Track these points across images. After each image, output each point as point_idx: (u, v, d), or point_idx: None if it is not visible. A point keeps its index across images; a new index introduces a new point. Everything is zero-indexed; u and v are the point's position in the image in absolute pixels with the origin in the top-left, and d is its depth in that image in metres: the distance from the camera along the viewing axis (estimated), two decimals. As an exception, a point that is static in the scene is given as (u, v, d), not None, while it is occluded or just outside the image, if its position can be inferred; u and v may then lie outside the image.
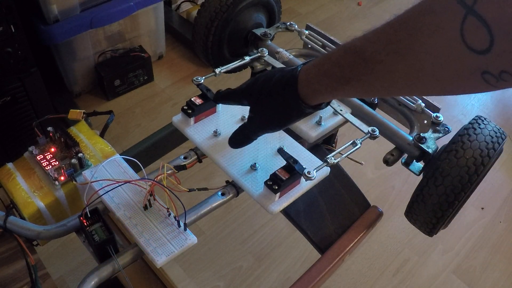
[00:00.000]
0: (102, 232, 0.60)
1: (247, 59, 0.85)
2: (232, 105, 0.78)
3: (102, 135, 0.78)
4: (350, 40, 0.47)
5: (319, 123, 0.77)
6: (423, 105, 0.80)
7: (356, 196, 0.86)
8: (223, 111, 0.77)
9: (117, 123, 1.60)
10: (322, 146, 0.91)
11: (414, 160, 0.76)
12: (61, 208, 0.69)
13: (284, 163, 0.64)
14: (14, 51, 1.10)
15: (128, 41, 1.67)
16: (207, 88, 0.74)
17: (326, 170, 0.69)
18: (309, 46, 0.95)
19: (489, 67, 0.35)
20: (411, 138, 0.74)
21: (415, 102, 0.80)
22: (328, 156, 0.66)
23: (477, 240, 1.43)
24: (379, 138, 0.73)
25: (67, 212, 0.71)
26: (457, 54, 0.37)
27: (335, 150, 0.71)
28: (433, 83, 0.41)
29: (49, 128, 0.72)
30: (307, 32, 0.95)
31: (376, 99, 0.83)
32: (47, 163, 0.69)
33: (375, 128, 0.71)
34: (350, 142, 0.69)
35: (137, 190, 0.65)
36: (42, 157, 0.70)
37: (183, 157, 0.72)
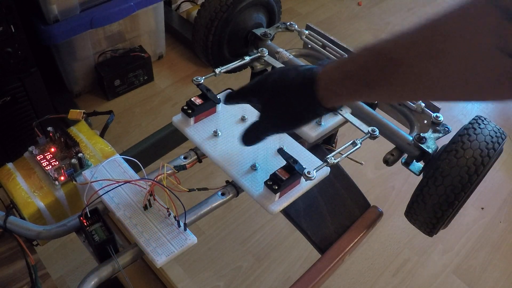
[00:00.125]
0: (102, 232, 0.60)
1: (247, 59, 0.85)
2: (233, 105, 0.78)
3: (102, 135, 0.78)
4: (376, 42, 0.46)
5: (319, 123, 0.77)
6: (423, 105, 0.80)
7: (356, 196, 0.86)
8: (223, 111, 0.77)
9: (117, 123, 1.60)
10: (322, 146, 0.91)
11: (414, 160, 0.76)
12: (61, 208, 0.69)
13: (284, 163, 0.64)
14: (14, 51, 1.10)
15: (128, 41, 1.67)
16: (207, 88, 0.74)
17: (326, 170, 0.69)
18: (309, 46, 0.95)
19: None
20: (411, 138, 0.74)
21: (415, 102, 0.80)
22: (328, 156, 0.66)
23: (477, 240, 1.43)
24: (379, 138, 0.73)
25: (67, 212, 0.71)
26: (493, 60, 0.36)
27: (335, 150, 0.71)
28: (464, 88, 0.40)
29: (49, 128, 0.72)
30: (307, 32, 0.95)
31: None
32: (47, 163, 0.69)
33: (375, 128, 0.71)
34: (350, 142, 0.69)
35: (137, 190, 0.65)
36: (42, 157, 0.70)
37: (183, 157, 0.72)
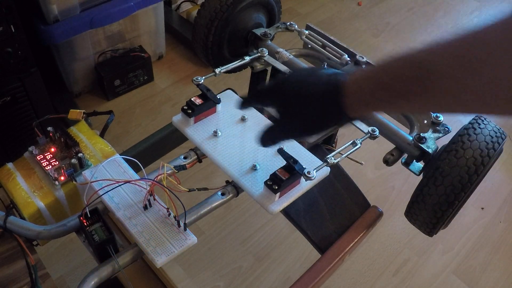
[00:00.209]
0: (102, 232, 0.60)
1: (247, 59, 0.85)
2: (232, 105, 0.78)
3: (102, 135, 0.78)
4: (409, 52, 0.45)
5: (319, 123, 0.76)
6: (423, 105, 0.80)
7: (356, 196, 0.86)
8: (223, 111, 0.77)
9: (117, 123, 1.60)
10: (322, 146, 0.91)
11: (414, 160, 0.76)
12: (61, 208, 0.69)
13: (284, 163, 0.64)
14: (14, 51, 1.10)
15: (128, 41, 1.67)
16: (207, 88, 0.74)
17: (326, 170, 0.69)
18: (309, 46, 0.95)
19: None
20: (411, 138, 0.74)
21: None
22: (328, 156, 0.66)
23: (477, 240, 1.43)
24: (379, 138, 0.73)
25: (67, 212, 0.71)
26: None
27: (335, 150, 0.71)
28: (505, 103, 0.38)
29: (49, 128, 0.72)
30: (307, 32, 0.95)
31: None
32: (47, 163, 0.69)
33: (375, 128, 0.71)
34: (350, 142, 0.69)
35: (137, 190, 0.65)
36: (42, 157, 0.70)
37: (183, 157, 0.72)
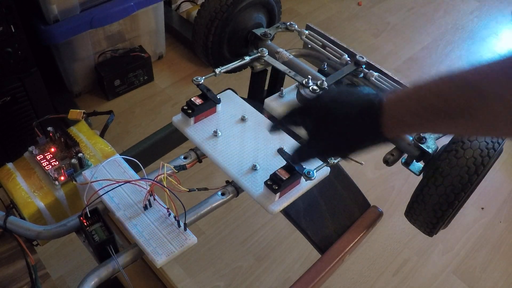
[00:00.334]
0: (102, 232, 0.60)
1: (247, 59, 0.85)
2: (232, 105, 0.78)
3: (102, 135, 0.78)
4: (454, 72, 0.43)
5: (319, 123, 0.77)
6: (423, 105, 0.80)
7: (356, 196, 0.86)
8: (223, 111, 0.77)
9: (117, 123, 1.60)
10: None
11: (414, 160, 0.76)
12: (61, 208, 0.69)
13: (284, 163, 0.64)
14: (14, 51, 1.10)
15: (128, 41, 1.67)
16: (207, 88, 0.74)
17: (326, 170, 0.69)
18: (309, 46, 0.95)
19: None
20: (411, 138, 0.74)
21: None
22: (328, 156, 0.66)
23: (477, 240, 1.43)
24: (379, 138, 0.72)
25: (67, 212, 0.71)
26: None
27: (335, 150, 0.71)
28: None
29: (49, 128, 0.72)
30: (307, 32, 0.95)
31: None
32: (47, 163, 0.69)
33: (375, 128, 0.71)
34: (350, 142, 0.69)
35: (137, 190, 0.65)
36: (42, 157, 0.70)
37: (183, 157, 0.72)
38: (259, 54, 0.86)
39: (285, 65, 0.86)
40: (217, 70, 0.80)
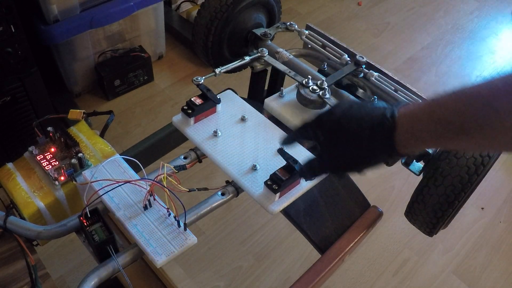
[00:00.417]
0: (102, 232, 0.60)
1: (247, 59, 0.85)
2: (232, 105, 0.78)
3: (102, 135, 0.78)
4: (467, 87, 0.43)
5: (319, 123, 0.76)
6: (423, 105, 0.80)
7: (356, 196, 0.86)
8: (223, 111, 0.77)
9: (117, 123, 1.60)
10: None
11: (414, 160, 0.76)
12: (61, 208, 0.69)
13: (284, 163, 0.64)
14: (14, 51, 1.10)
15: (128, 41, 1.67)
16: (207, 88, 0.74)
17: (326, 170, 0.69)
18: (309, 46, 0.95)
19: None
20: (411, 138, 0.74)
21: (415, 102, 0.80)
22: (328, 156, 0.66)
23: (477, 240, 1.43)
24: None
25: (67, 212, 0.71)
26: None
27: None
28: None
29: (49, 128, 0.72)
30: (307, 32, 0.95)
31: (376, 98, 0.83)
32: (47, 163, 0.69)
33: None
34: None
35: (137, 190, 0.65)
36: (42, 157, 0.70)
37: (183, 157, 0.72)
38: (259, 54, 0.86)
39: (285, 65, 0.86)
40: (217, 70, 0.80)
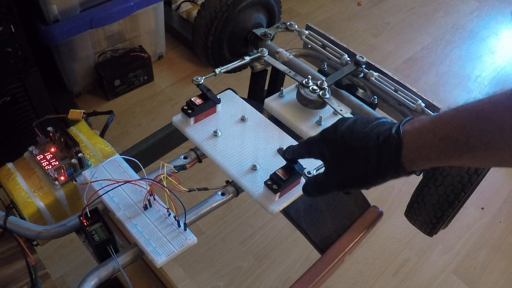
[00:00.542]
0: (102, 232, 0.60)
1: (247, 59, 0.85)
2: (232, 105, 0.78)
3: (102, 135, 0.78)
4: (470, 103, 0.43)
5: (319, 123, 0.77)
6: (423, 105, 0.80)
7: (356, 196, 0.86)
8: (223, 111, 0.77)
9: (117, 123, 1.60)
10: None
11: (414, 160, 0.76)
12: (61, 208, 0.69)
13: (284, 163, 0.64)
14: (14, 51, 1.10)
15: (128, 41, 1.67)
16: (207, 88, 0.74)
17: (326, 170, 0.69)
18: (309, 46, 0.95)
19: None
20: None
21: (415, 102, 0.81)
22: (328, 156, 0.66)
23: (477, 240, 1.43)
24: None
25: (67, 212, 0.71)
26: None
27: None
28: None
29: (49, 128, 0.72)
30: (307, 32, 0.95)
31: (376, 98, 0.83)
32: (47, 163, 0.69)
33: (375, 128, 0.71)
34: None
35: (137, 190, 0.65)
36: (42, 157, 0.70)
37: (183, 157, 0.72)
38: (259, 54, 0.86)
39: (285, 65, 0.86)
40: (217, 70, 0.80)
